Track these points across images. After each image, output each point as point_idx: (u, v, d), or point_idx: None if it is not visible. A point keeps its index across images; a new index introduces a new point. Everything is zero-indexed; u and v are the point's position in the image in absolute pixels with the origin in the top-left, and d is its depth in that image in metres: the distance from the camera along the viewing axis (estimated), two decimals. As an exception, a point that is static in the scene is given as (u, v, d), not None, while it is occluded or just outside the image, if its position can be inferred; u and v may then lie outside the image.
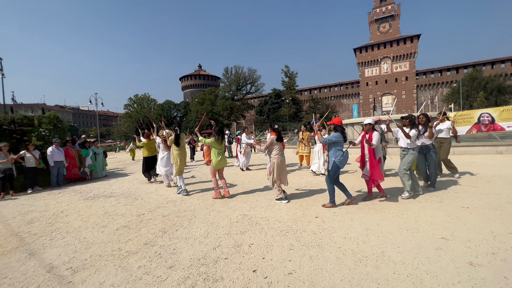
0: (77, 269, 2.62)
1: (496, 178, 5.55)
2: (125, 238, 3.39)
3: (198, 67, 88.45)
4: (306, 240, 2.98)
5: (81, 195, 6.36)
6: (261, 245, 2.90)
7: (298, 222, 3.59)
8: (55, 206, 5.35)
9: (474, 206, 3.80)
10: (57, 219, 4.45)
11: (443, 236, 2.86)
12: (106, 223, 4.05)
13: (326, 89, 70.02)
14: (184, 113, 64.40)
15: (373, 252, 2.60)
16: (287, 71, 55.89)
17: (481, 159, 8.38)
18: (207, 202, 4.98)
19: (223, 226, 3.61)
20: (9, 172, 6.71)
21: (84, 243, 3.29)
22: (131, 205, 5.05)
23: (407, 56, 58.56)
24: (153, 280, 2.32)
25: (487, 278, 2.06)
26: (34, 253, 3.09)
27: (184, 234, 3.38)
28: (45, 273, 2.57)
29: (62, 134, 8.82)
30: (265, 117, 56.21)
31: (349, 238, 2.97)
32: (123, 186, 7.28)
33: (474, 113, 9.84)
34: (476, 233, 2.89)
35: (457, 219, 3.34)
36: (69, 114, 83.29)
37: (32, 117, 8.35)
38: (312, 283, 2.13)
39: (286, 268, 2.39)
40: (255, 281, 2.21)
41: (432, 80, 58.66)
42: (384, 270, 2.26)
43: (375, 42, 61.21)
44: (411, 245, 2.69)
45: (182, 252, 2.86)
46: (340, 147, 4.12)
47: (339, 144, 4.09)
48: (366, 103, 62.38)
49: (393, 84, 60.64)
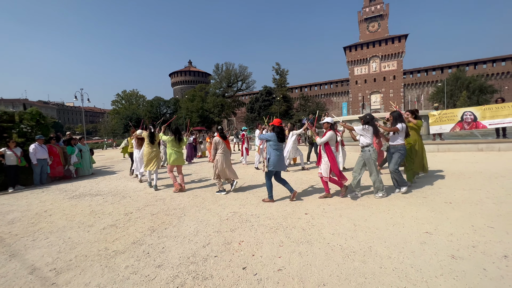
0: (61, 270, 2.54)
1: (477, 174, 5.78)
2: (112, 237, 3.31)
3: (188, 63, 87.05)
4: (296, 236, 3.01)
5: (66, 193, 6.16)
6: (251, 242, 2.91)
7: (288, 219, 3.62)
8: (38, 206, 5.16)
9: (456, 202, 3.95)
10: (40, 218, 4.30)
11: (427, 231, 2.96)
12: (92, 222, 3.94)
13: (316, 87, 70.71)
14: (174, 109, 63.36)
15: (361, 247, 2.65)
16: (278, 68, 55.82)
17: (463, 156, 8.70)
18: (197, 200, 4.94)
19: (213, 223, 3.59)
20: None
21: (68, 243, 3.19)
22: (119, 204, 4.95)
23: (395, 56, 59.86)
24: (141, 280, 2.28)
25: (467, 270, 2.15)
26: (15, 254, 2.97)
27: (173, 233, 3.34)
28: (27, 275, 2.48)
29: (45, 130, 8.49)
30: (256, 114, 56.09)
31: (337, 234, 3.02)
32: (110, 184, 7.11)
33: (457, 111, 10.18)
34: (458, 227, 3.00)
35: (440, 214, 3.46)
36: (53, 110, 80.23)
37: (13, 113, 7.99)
38: (301, 279, 2.16)
39: (276, 264, 2.41)
40: (245, 278, 2.21)
41: (419, 79, 60.28)
42: (371, 264, 2.32)
43: (364, 41, 62.17)
44: (397, 240, 2.77)
45: (171, 250, 2.83)
46: (275, 146, 4.44)
47: (273, 143, 4.44)
48: (356, 101, 63.46)
49: (381, 82, 61.92)
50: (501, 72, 53.61)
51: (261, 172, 7.59)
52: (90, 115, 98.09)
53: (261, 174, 7.30)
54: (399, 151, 4.58)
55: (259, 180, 6.38)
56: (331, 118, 4.80)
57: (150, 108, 60.21)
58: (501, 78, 53.90)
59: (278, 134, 4.46)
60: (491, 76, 53.80)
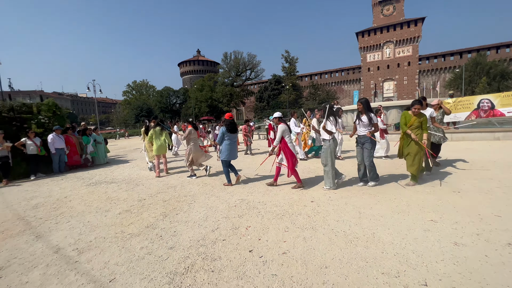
0: (83, 250, 2.76)
1: (490, 163, 5.64)
2: (128, 221, 3.53)
3: (196, 52, 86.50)
4: (301, 222, 3.11)
5: (83, 181, 6.50)
6: (257, 228, 3.03)
7: (294, 206, 3.71)
8: (59, 192, 5.49)
9: (465, 191, 3.91)
10: (61, 204, 4.60)
11: (432, 219, 2.98)
12: (109, 208, 4.19)
13: (327, 75, 68.89)
14: (183, 99, 63.82)
15: (364, 233, 2.72)
16: (287, 56, 54.77)
17: (478, 145, 8.45)
18: (206, 187, 5.11)
19: (221, 210, 3.74)
20: (5, 160, 6.75)
21: (88, 226, 3.43)
22: (133, 191, 5.19)
23: (410, 41, 57.13)
24: (155, 260, 2.46)
25: (469, 256, 2.19)
26: (41, 235, 3.23)
27: (184, 218, 3.52)
28: (53, 254, 2.71)
29: (61, 121, 8.85)
30: (265, 104, 55.75)
31: (342, 220, 3.10)
32: (124, 172, 7.41)
33: (473, 99, 9.80)
34: (464, 216, 3.01)
35: (447, 203, 3.46)
36: (67, 101, 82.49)
37: (31, 105, 8.34)
38: (304, 261, 2.26)
39: (281, 248, 2.52)
40: (251, 260, 2.34)
41: (435, 65, 57.55)
42: (373, 249, 2.39)
43: (378, 26, 59.52)
44: (401, 227, 2.82)
45: (182, 234, 3.00)
46: (227, 138, 5.09)
47: (225, 135, 5.10)
48: (367, 89, 61.61)
49: (395, 69, 59.59)
50: (526, 56, 50.34)
51: (259, 162, 7.70)
52: (102, 106, 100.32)
53: (258, 164, 7.41)
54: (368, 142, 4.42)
55: (266, 170, 6.47)
56: (279, 113, 5.08)
57: (160, 99, 60.87)
58: (526, 62, 50.70)
59: (228, 127, 5.10)
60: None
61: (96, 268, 2.37)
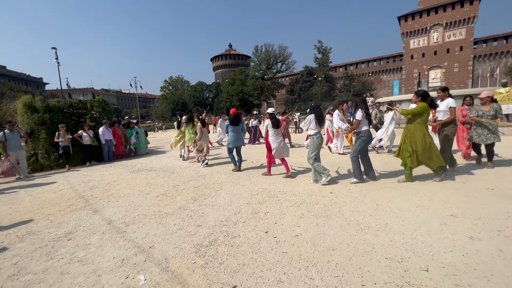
0: (129, 223, 3.34)
1: (542, 160, 5.08)
2: (164, 203, 4.07)
3: (228, 46, 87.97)
4: (317, 211, 3.30)
5: (127, 168, 7.41)
6: (275, 213, 3.31)
7: (312, 196, 3.89)
8: (109, 177, 6.39)
9: (500, 188, 3.68)
10: (111, 187, 5.40)
11: (452, 214, 2.94)
12: (149, 191, 4.82)
13: (363, 65, 64.77)
14: (215, 93, 65.90)
15: (377, 223, 2.82)
16: (320, 46, 52.76)
17: (534, 140, 7.51)
18: (232, 177, 5.51)
19: (244, 197, 4.09)
20: (67, 149, 7.97)
21: (132, 205, 4.05)
22: (168, 178, 5.83)
23: (463, 22, 50.62)
24: (185, 234, 2.89)
25: (482, 250, 2.19)
26: (97, 210, 3.93)
27: (211, 202, 3.94)
28: (106, 225, 3.33)
29: (109, 116, 10.04)
30: (296, 96, 54.86)
31: (357, 211, 3.21)
32: (161, 162, 8.23)
33: (532, 88, 8.62)
34: (489, 213, 2.90)
35: (475, 199, 3.33)
36: (113, 97, 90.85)
37: (86, 101, 9.62)
38: (313, 243, 2.48)
39: (294, 231, 2.77)
40: (266, 239, 2.63)
41: (494, 49, 50.36)
42: (382, 238, 2.50)
43: (424, 8, 53.81)
44: (417, 220, 2.84)
45: (208, 215, 3.41)
46: (231, 129, 5.96)
47: (230, 127, 5.99)
48: (410, 78, 56.59)
49: (443, 56, 53.56)
50: None
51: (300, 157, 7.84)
52: (143, 101, 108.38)
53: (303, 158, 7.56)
54: (361, 137, 4.36)
55: (289, 161, 6.65)
56: (272, 109, 5.32)
57: (194, 93, 63.62)
58: None
59: (232, 120, 5.95)
60: None
61: (139, 237, 2.89)
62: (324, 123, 4.68)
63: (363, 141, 4.38)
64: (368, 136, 4.38)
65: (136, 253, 2.54)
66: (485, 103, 4.76)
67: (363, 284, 1.87)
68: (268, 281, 1.97)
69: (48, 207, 4.26)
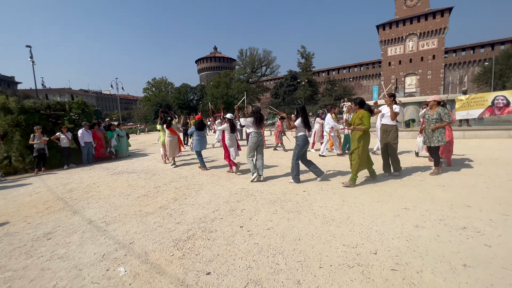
0: (109, 222, 3.44)
1: (491, 161, 5.72)
2: (145, 203, 4.19)
3: (213, 49, 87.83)
4: (289, 207, 3.58)
5: (108, 171, 7.36)
6: (251, 210, 3.55)
7: (287, 194, 4.18)
8: (88, 179, 6.34)
9: (450, 185, 4.17)
10: (91, 189, 5.40)
11: (406, 207, 3.33)
12: (130, 193, 4.90)
13: (345, 70, 67.25)
14: (200, 96, 65.38)
15: (340, 217, 3.15)
16: (304, 51, 54.18)
17: (489, 143, 8.33)
18: (213, 178, 5.70)
19: (223, 196, 4.30)
20: (42, 151, 7.74)
21: (113, 206, 4.13)
22: (150, 179, 5.90)
23: (435, 33, 54.14)
24: (165, 231, 3.06)
25: (423, 235, 2.56)
26: (77, 211, 3.98)
27: (191, 202, 4.12)
28: (87, 224, 3.41)
29: (89, 117, 9.86)
30: (281, 100, 55.74)
31: (325, 207, 3.53)
32: (143, 164, 8.22)
33: (488, 95, 9.54)
34: (436, 205, 3.33)
35: (427, 195, 3.76)
36: (93, 98, 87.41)
37: (64, 103, 9.40)
38: (283, 235, 2.75)
39: (266, 225, 3.02)
40: (240, 233, 2.87)
41: (463, 58, 54.23)
42: (343, 229, 2.82)
43: (400, 18, 56.94)
44: (375, 213, 3.21)
45: (188, 213, 3.59)
46: (197, 135, 6.59)
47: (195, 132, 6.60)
48: (388, 84, 59.22)
49: (418, 63, 56.89)
50: None
51: (267, 156, 8.16)
52: (124, 102, 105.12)
53: (266, 158, 7.87)
54: (296, 142, 4.79)
55: (275, 163, 6.94)
56: (230, 114, 6.06)
57: (178, 95, 62.69)
58: None
59: (197, 126, 6.61)
60: (553, 52, 46.50)
61: (120, 235, 3.02)
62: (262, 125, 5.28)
63: (298, 145, 4.77)
64: (303, 141, 4.74)
65: (117, 249, 2.68)
66: (431, 107, 5.04)
67: (320, 266, 2.15)
68: (238, 267, 2.21)
69: (25, 210, 4.24)
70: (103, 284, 2.10)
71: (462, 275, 1.94)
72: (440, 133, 4.80)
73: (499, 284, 1.82)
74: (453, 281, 1.87)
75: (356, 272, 2.04)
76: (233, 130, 5.90)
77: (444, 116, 4.76)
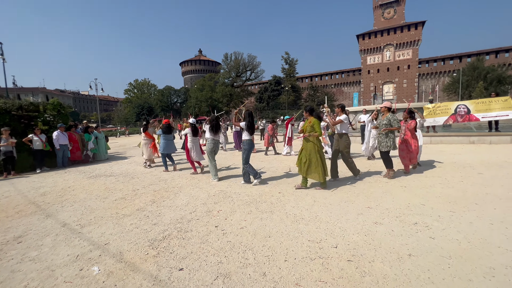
0: (84, 224, 3.44)
1: (450, 164, 6.28)
2: (122, 206, 4.20)
3: (198, 52, 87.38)
4: (263, 208, 3.77)
5: (84, 174, 7.19)
6: (227, 211, 3.70)
7: (262, 196, 4.38)
8: (63, 183, 6.18)
9: (410, 186, 4.57)
10: (65, 192, 5.28)
11: (369, 206, 3.64)
12: (107, 196, 4.87)
13: (327, 77, 69.53)
14: (184, 99, 64.57)
15: (310, 215, 3.39)
16: (287, 57, 55.44)
17: (451, 148, 9.07)
18: (193, 181, 5.78)
19: (201, 198, 4.41)
20: (10, 154, 7.37)
21: (88, 209, 4.11)
22: (128, 183, 5.87)
23: (410, 44, 57.68)
24: (141, 232, 3.13)
25: (379, 231, 2.85)
26: (50, 215, 3.92)
27: (169, 204, 4.19)
28: (60, 227, 3.39)
29: (65, 119, 9.54)
30: (265, 104, 56.43)
31: (297, 207, 3.76)
32: (122, 167, 8.10)
33: (451, 104, 10.42)
34: (396, 204, 3.67)
35: (390, 195, 4.12)
36: (70, 99, 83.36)
37: (38, 104, 9.04)
38: (254, 233, 2.93)
39: (240, 225, 3.19)
40: (215, 232, 3.01)
41: (435, 68, 58.09)
42: (310, 226, 3.05)
43: (378, 29, 60.11)
44: (341, 212, 3.48)
45: (165, 215, 3.67)
46: (163, 138, 7.01)
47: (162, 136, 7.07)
48: (367, 91, 62.18)
49: (395, 72, 60.14)
50: (524, 62, 50.80)
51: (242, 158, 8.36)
52: (104, 104, 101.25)
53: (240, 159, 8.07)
54: (242, 146, 5.23)
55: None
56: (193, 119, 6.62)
57: (161, 97, 61.58)
58: (523, 67, 51.12)
59: (164, 129, 7.03)
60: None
61: (95, 237, 3.05)
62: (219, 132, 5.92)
63: (245, 150, 5.18)
64: (248, 145, 5.16)
65: (91, 250, 2.73)
66: (383, 113, 5.31)
67: (285, 259, 2.35)
68: (210, 263, 2.36)
69: (-7, 214, 4.09)
70: (76, 283, 2.15)
71: (407, 263, 2.22)
72: (389, 138, 5.11)
73: (435, 270, 2.11)
74: (398, 268, 2.14)
75: (317, 264, 2.26)
76: (195, 134, 6.39)
77: (394, 122, 5.14)
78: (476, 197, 3.83)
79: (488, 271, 2.05)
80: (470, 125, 11.37)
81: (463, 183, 4.60)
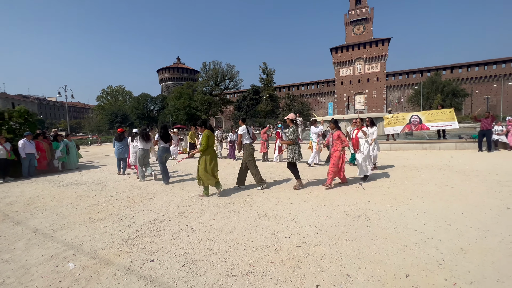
0: (57, 229, 3.57)
1: (400, 167, 7.14)
2: (95, 211, 4.33)
3: (176, 60, 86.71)
4: (232, 208, 4.15)
5: (54, 183, 7.04)
6: (198, 212, 4.02)
7: (233, 198, 4.75)
8: (30, 192, 6.05)
9: (365, 186, 5.22)
10: (34, 201, 5.23)
11: (324, 204, 4.18)
12: (79, 203, 4.93)
13: (303, 87, 72.50)
14: (161, 106, 63.29)
15: (272, 213, 3.83)
16: (265, 68, 57.05)
17: (407, 154, 10.16)
18: (167, 187, 5.99)
19: (174, 202, 4.68)
20: None
21: (60, 216, 4.19)
22: (101, 190, 5.92)
23: (378, 58, 62.36)
24: (114, 233, 3.35)
25: (328, 223, 3.36)
26: (20, 222, 3.95)
27: (143, 208, 4.40)
28: (32, 233, 3.49)
29: (32, 127, 9.22)
30: (244, 113, 57.13)
31: (262, 206, 4.19)
32: (94, 175, 8.01)
33: (406, 115, 11.68)
34: (347, 201, 4.24)
35: (343, 195, 4.71)
36: (34, 105, 77.79)
37: (3, 111, 8.69)
38: (221, 229, 3.29)
39: (209, 223, 3.53)
40: (185, 230, 3.32)
41: (400, 81, 63.20)
42: (271, 222, 3.49)
43: (350, 43, 64.33)
44: (299, 209, 3.96)
45: (138, 218, 3.90)
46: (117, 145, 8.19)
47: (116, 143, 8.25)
48: (341, 101, 65.64)
49: (365, 84, 64.36)
50: (474, 77, 57.23)
51: (224, 165, 8.70)
52: (73, 111, 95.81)
53: (223, 166, 8.41)
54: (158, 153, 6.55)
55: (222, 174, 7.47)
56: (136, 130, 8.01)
57: (136, 105, 59.83)
58: (474, 82, 57.50)
59: (116, 137, 8.17)
60: (465, 81, 57.37)
61: (69, 239, 3.21)
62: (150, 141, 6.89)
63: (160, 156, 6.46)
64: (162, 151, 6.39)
65: (66, 250, 2.91)
66: (289, 124, 5.30)
67: (245, 248, 2.75)
68: (179, 254, 2.68)
69: (-44, 224, 4.01)
70: (53, 277, 2.36)
71: (343, 245, 2.72)
72: (292, 150, 5.13)
73: (363, 249, 2.63)
74: (335, 250, 2.63)
75: (270, 250, 2.68)
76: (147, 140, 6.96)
77: (289, 135, 5.12)
78: (412, 194, 4.54)
79: (401, 248, 2.62)
80: (424, 134, 12.75)
81: (406, 183, 5.36)
